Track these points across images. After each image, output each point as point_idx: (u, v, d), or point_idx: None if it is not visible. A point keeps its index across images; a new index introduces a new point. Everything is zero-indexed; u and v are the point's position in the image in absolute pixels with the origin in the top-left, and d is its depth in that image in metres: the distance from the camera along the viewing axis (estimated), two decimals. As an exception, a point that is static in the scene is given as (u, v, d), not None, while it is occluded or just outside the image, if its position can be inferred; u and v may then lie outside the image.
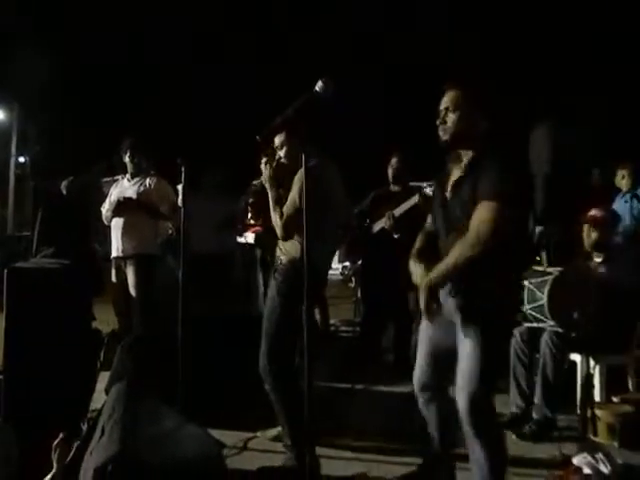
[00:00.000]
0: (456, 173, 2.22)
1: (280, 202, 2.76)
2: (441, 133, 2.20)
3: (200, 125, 9.82)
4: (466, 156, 2.20)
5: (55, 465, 1.87)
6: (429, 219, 2.42)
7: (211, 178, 4.83)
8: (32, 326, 2.79)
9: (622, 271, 3.35)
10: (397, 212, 4.24)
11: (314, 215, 2.32)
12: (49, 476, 1.84)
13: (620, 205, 4.65)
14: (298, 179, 2.66)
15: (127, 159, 4.34)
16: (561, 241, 4.04)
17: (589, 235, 3.46)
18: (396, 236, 4.29)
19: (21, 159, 13.34)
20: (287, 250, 2.75)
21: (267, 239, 4.25)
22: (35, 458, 1.94)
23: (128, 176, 4.38)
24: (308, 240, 2.14)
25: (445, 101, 2.20)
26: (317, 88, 2.05)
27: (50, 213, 5.40)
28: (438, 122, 2.20)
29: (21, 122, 12.45)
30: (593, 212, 3.49)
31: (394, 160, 4.56)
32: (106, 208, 4.34)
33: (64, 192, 5.28)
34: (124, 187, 4.36)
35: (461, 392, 2.08)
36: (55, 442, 1.90)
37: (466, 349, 2.09)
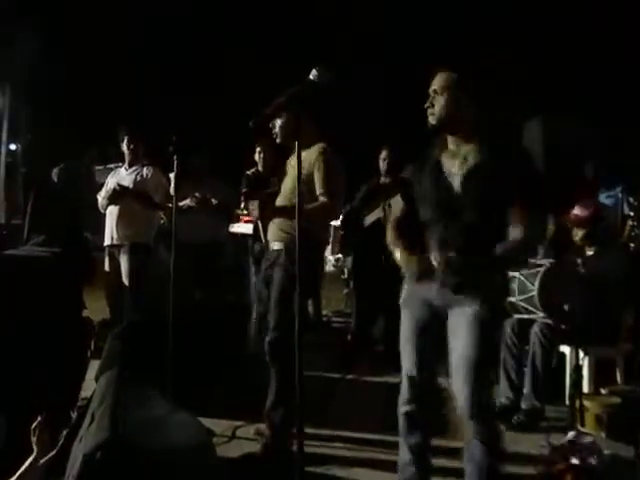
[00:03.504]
0: (456, 162, 2.12)
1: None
2: (430, 117, 2.13)
3: (192, 112, 9.77)
4: (461, 144, 2.12)
5: (35, 448, 1.85)
6: (398, 208, 2.37)
7: (199, 164, 4.78)
8: (22, 314, 2.77)
9: (612, 263, 3.37)
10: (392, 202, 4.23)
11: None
12: (30, 459, 1.83)
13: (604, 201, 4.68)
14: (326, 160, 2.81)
15: (124, 148, 4.31)
16: (554, 233, 4.06)
17: (577, 233, 3.49)
18: None
19: (12, 146, 13.22)
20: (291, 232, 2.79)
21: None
22: (23, 447, 1.92)
23: (126, 165, 4.36)
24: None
25: (433, 84, 2.14)
26: (311, 76, 2.04)
27: (41, 200, 5.35)
28: (426, 105, 2.13)
29: (12, 109, 12.31)
30: (576, 211, 3.48)
31: (385, 153, 4.55)
32: (102, 196, 4.32)
33: (55, 179, 5.24)
34: (121, 176, 4.34)
35: (464, 384, 2.01)
36: (34, 425, 1.88)
37: (463, 336, 2.02)
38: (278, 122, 2.89)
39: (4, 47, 9.81)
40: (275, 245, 2.90)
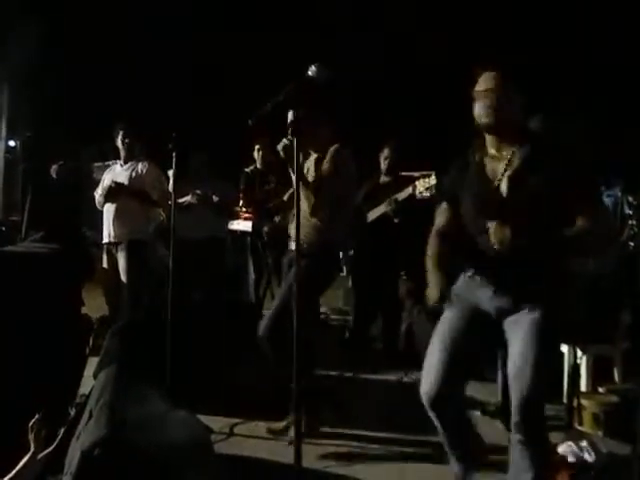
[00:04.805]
0: (500, 165, 2.04)
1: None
2: (483, 116, 2.03)
3: (191, 111, 9.75)
4: (504, 145, 2.05)
5: (32, 445, 1.86)
6: (441, 216, 2.24)
7: (198, 161, 4.78)
8: (20, 311, 2.77)
9: (610, 262, 3.38)
10: (400, 197, 4.20)
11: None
12: (27, 456, 1.83)
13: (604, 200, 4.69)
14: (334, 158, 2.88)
15: (119, 143, 4.29)
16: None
17: None
18: (396, 220, 4.27)
19: (11, 143, 13.19)
20: (310, 232, 2.85)
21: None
22: (22, 444, 1.92)
23: (121, 161, 4.34)
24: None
25: (485, 84, 2.05)
26: (310, 73, 2.04)
27: (39, 197, 5.35)
28: (483, 104, 2.03)
29: (11, 105, 12.29)
30: None
31: (386, 151, 4.54)
32: (99, 193, 4.31)
33: (54, 176, 5.23)
34: (116, 172, 4.32)
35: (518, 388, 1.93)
36: (31, 422, 1.88)
37: (520, 346, 1.94)
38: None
39: (2, 45, 9.79)
40: (293, 245, 2.94)
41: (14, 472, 1.80)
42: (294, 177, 2.86)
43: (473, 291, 2.08)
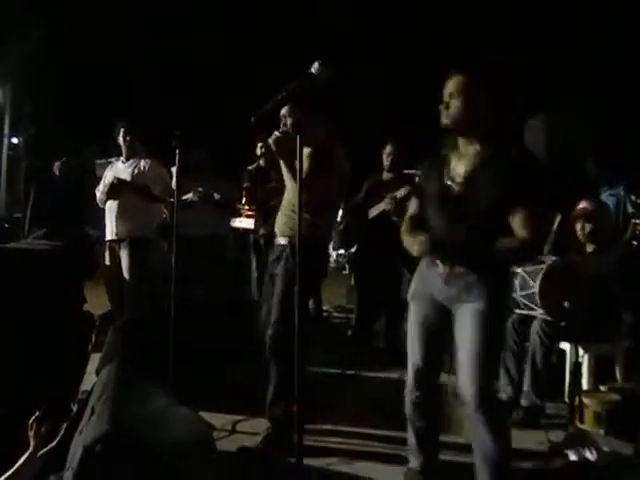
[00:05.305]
0: (461, 164, 2.15)
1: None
2: (443, 117, 2.14)
3: (192, 109, 9.77)
4: (469, 145, 2.14)
5: (32, 442, 1.86)
6: (413, 206, 2.38)
7: (199, 159, 4.78)
8: (23, 307, 2.77)
9: (612, 261, 3.38)
10: (399, 195, 4.20)
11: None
12: (27, 453, 1.83)
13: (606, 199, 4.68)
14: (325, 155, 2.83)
15: (121, 141, 4.30)
16: (557, 232, 4.06)
17: (583, 228, 3.49)
18: (395, 219, 4.27)
19: (14, 140, 13.21)
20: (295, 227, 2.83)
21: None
22: (23, 441, 1.93)
23: (122, 158, 4.34)
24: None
25: (449, 86, 2.13)
26: (313, 70, 2.04)
27: (42, 194, 5.36)
28: (441, 107, 2.14)
29: (14, 102, 12.31)
30: (584, 205, 3.50)
31: (389, 148, 4.53)
32: (100, 190, 4.31)
33: (56, 173, 5.24)
34: (118, 169, 4.32)
35: (470, 379, 2.06)
36: (31, 420, 1.88)
37: (469, 332, 2.08)
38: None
39: (5, 44, 9.81)
40: (281, 240, 2.93)
41: (13, 469, 1.80)
42: (285, 170, 2.87)
43: (428, 282, 2.23)
